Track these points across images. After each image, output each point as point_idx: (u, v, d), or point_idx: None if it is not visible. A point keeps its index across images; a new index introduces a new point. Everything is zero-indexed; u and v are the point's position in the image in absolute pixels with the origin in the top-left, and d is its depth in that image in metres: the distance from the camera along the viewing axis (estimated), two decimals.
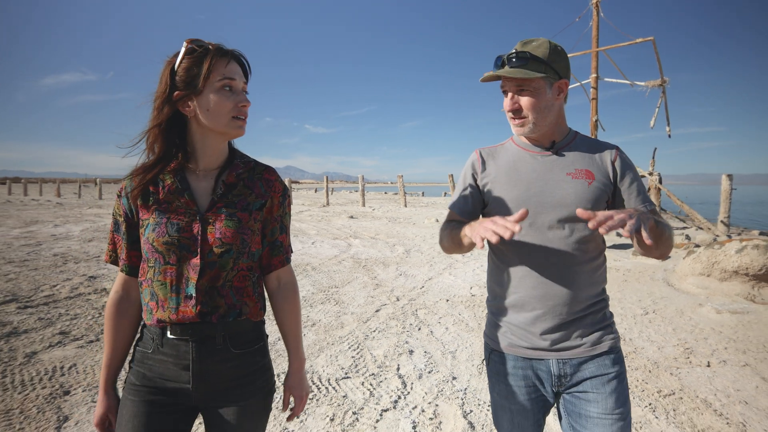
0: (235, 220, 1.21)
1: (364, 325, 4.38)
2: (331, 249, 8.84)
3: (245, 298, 1.24)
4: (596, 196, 1.35)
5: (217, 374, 1.20)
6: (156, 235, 1.18)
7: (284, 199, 1.34)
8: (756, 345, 3.76)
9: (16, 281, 5.97)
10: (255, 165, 1.32)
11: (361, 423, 2.63)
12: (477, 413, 2.75)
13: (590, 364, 1.34)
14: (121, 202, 1.26)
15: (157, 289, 1.19)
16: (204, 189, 1.25)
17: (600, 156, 1.40)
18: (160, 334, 1.20)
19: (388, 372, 3.32)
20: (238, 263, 1.22)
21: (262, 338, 1.31)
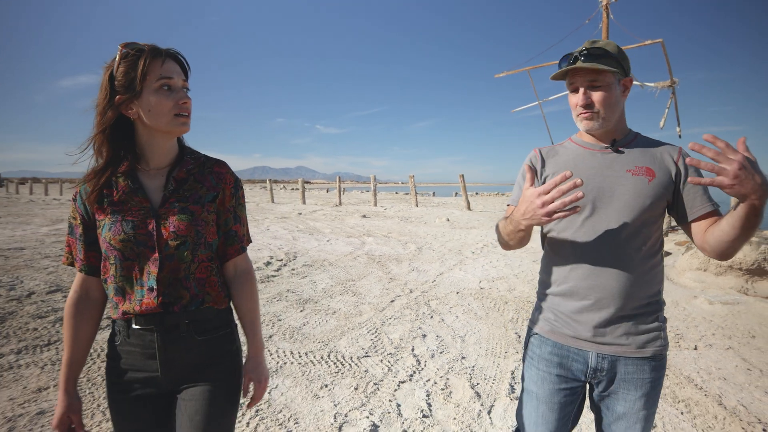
0: (188, 213, 1.25)
1: (381, 313, 4.77)
2: (345, 246, 9.22)
3: (208, 288, 1.29)
4: (656, 194, 1.35)
5: (182, 361, 1.25)
6: (112, 234, 1.21)
7: (236, 190, 1.37)
8: (741, 332, 4.08)
9: (56, 273, 6.43)
10: (205, 160, 1.36)
11: (381, 392, 3.02)
12: (483, 385, 3.12)
13: (629, 365, 1.35)
14: (77, 206, 1.29)
15: (123, 283, 1.23)
16: (156, 186, 1.28)
17: (662, 154, 1.40)
18: (125, 326, 1.25)
19: (404, 352, 3.70)
20: (197, 254, 1.27)
21: (229, 325, 1.35)
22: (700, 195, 1.34)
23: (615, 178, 1.38)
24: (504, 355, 3.67)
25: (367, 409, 2.80)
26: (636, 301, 1.34)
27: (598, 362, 1.36)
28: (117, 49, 1.21)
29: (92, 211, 1.26)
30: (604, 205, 1.37)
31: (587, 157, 1.44)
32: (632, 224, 1.34)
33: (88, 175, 1.26)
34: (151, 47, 1.22)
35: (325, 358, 3.56)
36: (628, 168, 1.38)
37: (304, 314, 4.67)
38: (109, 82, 1.21)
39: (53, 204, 22.07)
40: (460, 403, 2.89)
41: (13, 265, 6.83)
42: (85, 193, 1.26)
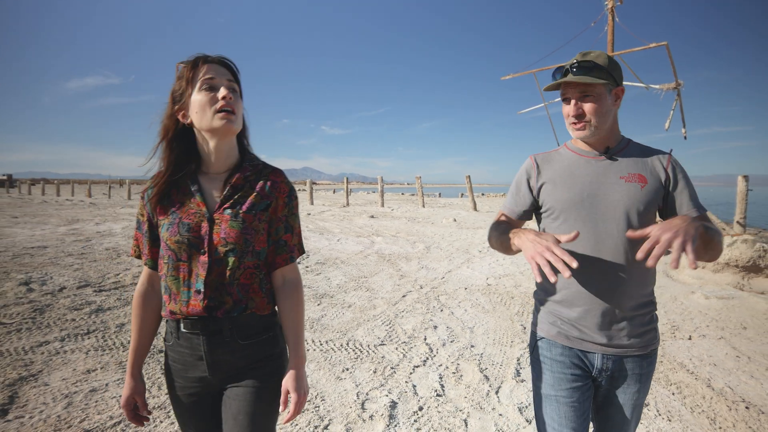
0: (239, 220, 1.27)
1: (394, 306, 5.05)
2: (356, 245, 9.50)
3: (251, 294, 1.31)
4: (648, 200, 1.40)
5: (228, 363, 1.29)
6: (169, 234, 1.27)
7: (290, 200, 1.38)
8: (734, 323, 4.34)
9: (83, 270, 6.75)
10: (263, 167, 1.38)
11: (398, 375, 3.30)
12: (491, 370, 3.40)
13: (630, 362, 1.43)
14: (144, 204, 1.37)
15: (171, 283, 1.28)
16: (214, 191, 1.33)
17: (652, 161, 1.45)
18: (176, 327, 1.31)
19: (417, 341, 3.99)
20: (244, 261, 1.28)
21: (272, 329, 1.37)
22: (687, 200, 1.41)
23: (609, 185, 1.42)
24: (510, 344, 3.94)
25: (386, 388, 3.08)
26: (633, 302, 1.40)
27: (604, 363, 1.42)
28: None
29: (153, 211, 1.33)
30: (598, 212, 1.41)
31: (582, 165, 1.49)
32: (625, 230, 1.37)
33: (155, 177, 1.35)
34: (196, 57, 1.30)
35: (345, 345, 3.85)
36: (621, 175, 1.43)
37: (322, 307, 4.97)
38: (171, 98, 1.32)
39: (66, 204, 22.49)
40: (470, 384, 3.17)
41: (39, 263, 7.16)
42: (150, 193, 1.34)
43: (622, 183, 1.41)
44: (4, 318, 4.36)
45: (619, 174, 1.43)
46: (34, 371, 3.24)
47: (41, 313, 4.54)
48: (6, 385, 3.01)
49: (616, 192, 1.41)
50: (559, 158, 1.55)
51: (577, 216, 1.43)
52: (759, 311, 4.64)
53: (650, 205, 1.40)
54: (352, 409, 2.81)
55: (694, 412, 2.83)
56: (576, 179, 1.46)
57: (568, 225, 1.45)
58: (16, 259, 7.38)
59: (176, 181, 1.33)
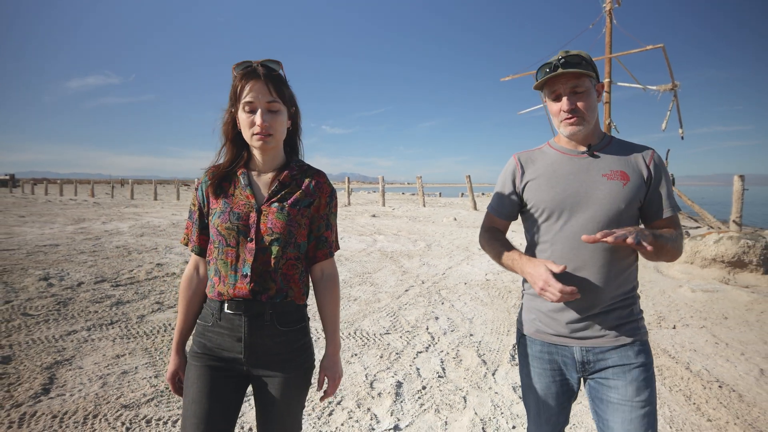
0: (285, 213, 1.38)
1: (397, 300, 5.33)
2: (358, 243, 9.77)
3: (291, 284, 1.41)
4: (630, 197, 1.42)
5: (264, 347, 1.38)
6: (221, 221, 1.38)
7: (331, 199, 1.49)
8: (716, 314, 4.63)
9: (97, 267, 7.02)
10: (308, 168, 1.50)
11: (402, 359, 3.58)
12: (488, 355, 3.68)
13: (613, 354, 1.42)
14: (197, 194, 1.48)
15: (221, 266, 1.38)
16: (263, 185, 1.44)
17: (635, 158, 1.47)
18: (218, 308, 1.39)
19: (420, 330, 4.27)
20: (286, 252, 1.39)
21: (304, 320, 1.46)
22: (665, 199, 1.45)
23: (591, 182, 1.44)
24: (507, 333, 4.22)
25: (392, 371, 3.36)
26: (610, 300, 1.42)
27: (584, 355, 1.45)
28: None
29: (207, 199, 1.44)
30: (581, 210, 1.44)
31: (565, 162, 1.51)
32: (607, 227, 1.39)
33: (212, 167, 1.47)
34: (244, 71, 1.38)
35: (352, 334, 4.13)
36: (603, 172, 1.44)
37: None
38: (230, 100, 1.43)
39: (70, 204, 22.73)
40: (469, 367, 3.45)
41: (54, 260, 7.43)
42: (206, 183, 1.45)
43: (604, 180, 1.43)
44: (30, 310, 4.63)
45: (601, 171, 1.45)
46: (68, 356, 3.52)
47: (65, 306, 4.82)
48: (44, 368, 3.28)
49: (598, 189, 1.43)
50: (542, 157, 1.58)
51: (560, 214, 1.47)
52: (740, 303, 4.93)
53: (632, 203, 1.42)
54: (362, 387, 3.09)
55: (672, 391, 3.11)
56: (559, 178, 1.49)
57: (551, 223, 1.49)
58: (31, 257, 7.64)
59: (228, 175, 1.45)
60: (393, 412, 2.79)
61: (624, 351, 1.41)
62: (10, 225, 12.46)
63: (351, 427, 2.62)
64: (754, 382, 3.22)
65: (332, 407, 2.83)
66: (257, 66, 1.36)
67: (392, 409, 2.81)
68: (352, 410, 2.80)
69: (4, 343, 3.71)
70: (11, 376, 3.14)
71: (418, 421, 2.70)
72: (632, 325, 1.44)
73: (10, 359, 3.41)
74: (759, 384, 3.18)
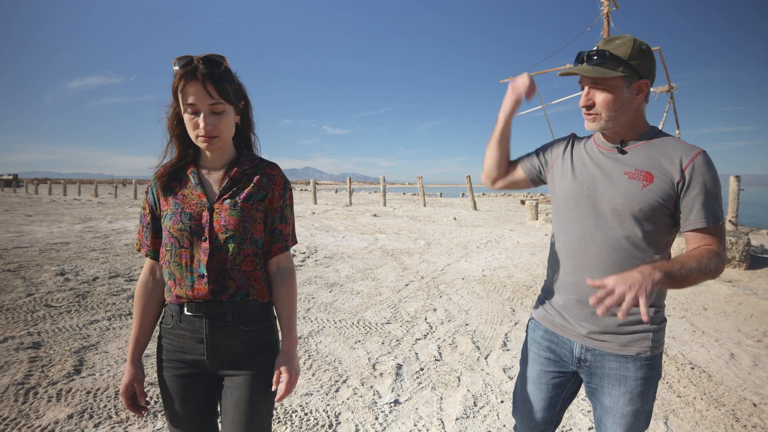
0: (238, 209, 1.34)
1: (397, 293, 5.62)
2: (360, 242, 10.05)
3: (252, 281, 1.38)
4: (648, 200, 1.31)
5: (227, 348, 1.35)
6: (172, 222, 1.33)
7: (285, 192, 1.45)
8: (697, 306, 4.92)
9: (109, 263, 7.30)
10: (260, 162, 1.45)
11: (402, 345, 3.87)
12: (482, 342, 3.97)
13: (612, 361, 1.37)
14: (147, 197, 1.43)
15: (174, 269, 1.34)
16: (214, 183, 1.39)
17: (671, 159, 1.32)
18: (178, 311, 1.35)
19: (419, 320, 4.56)
20: (243, 248, 1.35)
21: (270, 318, 1.44)
22: (698, 209, 1.29)
23: (611, 180, 1.37)
24: (500, 322, 4.51)
25: (393, 355, 3.65)
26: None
27: (582, 353, 1.42)
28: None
29: (159, 201, 1.40)
30: (595, 207, 1.38)
31: (593, 156, 1.45)
32: (620, 228, 1.34)
33: (159, 169, 1.41)
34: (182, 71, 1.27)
35: (355, 324, 4.42)
36: (626, 170, 1.36)
37: (333, 294, 5.53)
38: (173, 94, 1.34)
39: (75, 204, 23.01)
40: (463, 352, 3.74)
41: (66, 257, 7.71)
42: (156, 185, 1.40)
43: (624, 179, 1.35)
44: (52, 302, 4.92)
45: (624, 169, 1.36)
46: (93, 342, 3.81)
47: (84, 298, 5.11)
48: (72, 352, 3.57)
49: (615, 188, 1.36)
50: (584, 144, 1.54)
51: (574, 206, 1.44)
52: (720, 296, 5.22)
53: (651, 207, 1.31)
54: (365, 369, 3.38)
55: None
56: (583, 170, 1.45)
57: (566, 213, 1.47)
58: (44, 254, 7.92)
59: (177, 174, 1.40)
60: (393, 389, 3.08)
61: (624, 362, 1.36)
62: (19, 224, 12.72)
63: (356, 401, 2.90)
64: (723, 364, 3.51)
65: (338, 385, 3.12)
66: (198, 64, 1.27)
67: (393, 387, 3.11)
68: (356, 387, 3.09)
69: (32, 331, 4.00)
70: (44, 359, 3.43)
71: (416, 396, 2.99)
72: (641, 337, 1.36)
73: (40, 345, 3.70)
74: (728, 366, 3.47)
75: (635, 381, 1.35)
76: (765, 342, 4.02)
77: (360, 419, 2.70)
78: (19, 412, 2.68)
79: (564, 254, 1.45)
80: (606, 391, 1.39)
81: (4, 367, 3.26)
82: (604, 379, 1.39)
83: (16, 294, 5.16)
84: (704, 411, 2.83)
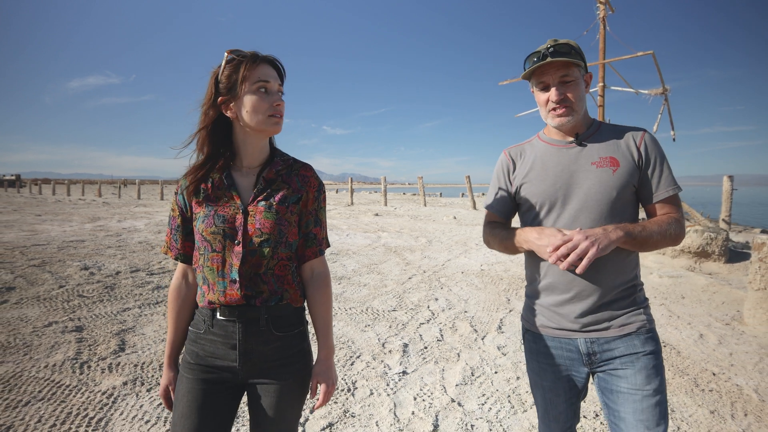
0: (273, 212, 1.30)
1: (402, 285, 6.06)
2: (364, 239, 10.47)
3: (286, 285, 1.33)
4: (621, 183, 1.37)
5: (260, 354, 1.30)
6: (205, 225, 1.29)
7: (319, 194, 1.41)
8: (676, 295, 5.38)
9: (127, 259, 7.71)
10: (293, 162, 1.41)
11: (407, 329, 4.31)
12: (479, 326, 4.41)
13: (619, 344, 1.38)
14: (177, 199, 1.38)
15: (207, 274, 1.30)
16: (247, 184, 1.35)
17: (626, 142, 1.41)
18: (210, 315, 1.30)
19: (422, 308, 5.00)
20: (277, 252, 1.31)
21: (302, 323, 1.39)
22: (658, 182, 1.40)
23: (581, 172, 1.40)
24: (496, 310, 4.96)
25: (399, 336, 4.10)
26: (613, 290, 1.38)
27: (589, 347, 1.41)
28: (223, 56, 1.30)
29: (189, 204, 1.35)
30: (572, 201, 1.40)
31: (554, 154, 1.47)
32: (601, 217, 1.37)
33: (190, 170, 1.35)
34: (252, 54, 1.30)
35: (365, 311, 4.86)
36: (592, 160, 1.40)
37: (342, 286, 5.97)
38: (214, 85, 1.31)
39: (80, 204, 23.34)
40: (463, 334, 4.18)
41: (85, 253, 8.13)
42: (186, 187, 1.34)
43: (593, 169, 1.39)
44: (84, 293, 5.35)
45: (590, 160, 1.41)
46: (129, 326, 4.24)
47: (111, 290, 5.54)
48: (113, 334, 4.01)
49: (587, 179, 1.39)
50: (532, 150, 1.55)
51: (551, 207, 1.45)
52: (698, 286, 5.68)
53: (624, 189, 1.38)
54: (376, 347, 3.83)
55: None
56: (548, 171, 1.46)
57: (544, 217, 1.47)
58: (63, 251, 8.33)
59: (208, 176, 1.35)
60: (401, 363, 3.52)
61: (630, 340, 1.37)
62: (31, 223, 13.10)
63: (369, 372, 3.34)
64: (692, 342, 3.95)
65: (353, 360, 3.56)
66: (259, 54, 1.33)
67: (401, 361, 3.55)
68: (369, 361, 3.53)
69: (72, 317, 4.43)
70: (88, 340, 3.87)
71: (421, 368, 3.43)
72: (636, 314, 1.40)
73: (82, 328, 4.14)
74: (696, 344, 3.92)
75: (646, 356, 1.36)
76: (732, 325, 4.46)
77: (374, 385, 3.14)
78: (79, 381, 3.11)
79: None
80: (622, 376, 1.37)
81: (55, 347, 3.69)
82: (617, 363, 1.38)
83: (48, 286, 5.60)
84: (670, 379, 3.27)
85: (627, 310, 1.40)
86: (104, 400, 2.87)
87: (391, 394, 3.01)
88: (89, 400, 2.85)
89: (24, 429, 2.52)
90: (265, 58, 1.32)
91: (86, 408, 2.76)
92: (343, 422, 2.68)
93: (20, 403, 2.79)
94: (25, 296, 5.10)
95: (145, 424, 2.62)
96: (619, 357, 1.38)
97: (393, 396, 3.00)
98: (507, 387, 3.15)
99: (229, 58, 1.29)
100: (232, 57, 1.29)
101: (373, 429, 2.62)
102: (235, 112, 1.31)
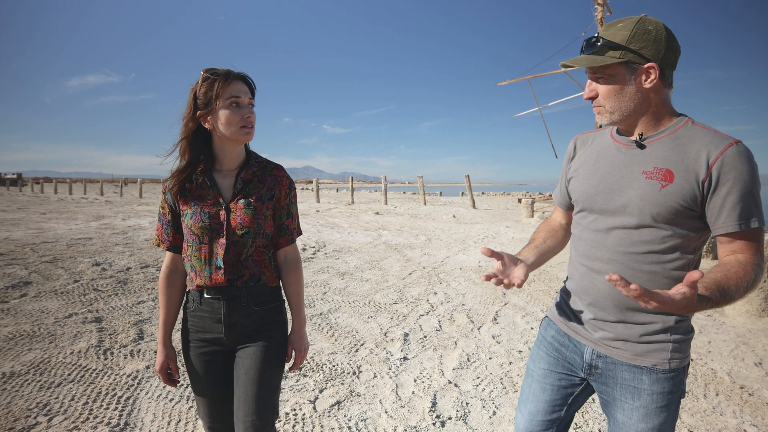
0: (252, 208, 1.51)
1: (402, 280, 6.31)
2: (365, 237, 10.72)
3: (263, 269, 1.56)
4: (667, 203, 1.15)
5: (242, 326, 1.53)
6: (193, 221, 1.48)
7: (290, 191, 1.62)
8: None
9: (135, 255, 7.94)
10: (267, 164, 1.61)
11: (408, 320, 4.56)
12: (476, 317, 4.66)
13: (626, 371, 1.26)
14: (166, 198, 1.57)
15: (195, 262, 1.51)
16: (227, 185, 1.54)
17: (697, 154, 1.14)
18: (198, 296, 1.53)
19: (422, 301, 5.25)
20: (256, 241, 1.53)
21: (278, 299, 1.61)
22: (725, 212, 1.12)
23: (627, 180, 1.23)
24: (492, 303, 5.21)
25: (400, 327, 4.35)
26: (637, 309, 1.22)
27: (593, 359, 1.32)
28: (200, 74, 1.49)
29: (176, 202, 1.54)
30: (610, 209, 1.26)
31: (610, 153, 1.31)
32: (635, 232, 1.21)
33: (174, 173, 1.54)
34: (225, 72, 1.47)
35: (367, 304, 5.11)
36: (644, 169, 1.21)
37: (345, 281, 6.22)
38: (193, 100, 1.49)
39: (83, 202, 23.52)
40: (460, 325, 4.44)
41: (94, 250, 8.36)
42: (172, 188, 1.54)
43: (641, 179, 1.20)
44: (98, 287, 5.60)
45: (642, 167, 1.21)
46: (146, 317, 4.50)
47: (125, 284, 5.79)
48: (132, 324, 4.26)
49: (631, 189, 1.22)
50: (598, 140, 1.40)
51: (590, 210, 1.33)
52: None
53: (670, 210, 1.15)
54: (378, 336, 4.08)
55: None
56: (597, 170, 1.32)
57: (582, 217, 1.37)
58: (72, 248, 8.55)
59: (190, 178, 1.54)
60: (402, 350, 3.78)
61: (638, 373, 1.24)
62: (36, 221, 13.29)
63: (373, 357, 3.60)
64: None
65: (357, 347, 3.82)
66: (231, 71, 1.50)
67: (402, 348, 3.80)
68: (372, 348, 3.79)
69: (91, 309, 4.69)
70: (108, 329, 4.12)
71: (421, 355, 3.69)
72: (660, 348, 1.22)
73: (101, 319, 4.39)
74: None
75: (650, 396, 1.22)
76: (714, 316, 4.73)
77: (377, 369, 3.39)
78: (104, 365, 3.37)
79: (579, 259, 1.36)
80: (619, 405, 1.28)
81: (78, 335, 3.94)
82: (617, 390, 1.28)
83: (63, 281, 5.84)
84: None
85: (651, 339, 1.23)
86: (130, 382, 3.12)
87: (393, 377, 3.27)
88: (116, 382, 3.11)
89: (60, 406, 2.78)
90: (237, 75, 1.49)
91: (114, 388, 3.02)
92: (350, 400, 2.94)
93: (53, 384, 3.05)
94: (42, 290, 5.35)
95: (170, 402, 2.88)
96: (621, 385, 1.27)
97: (395, 378, 3.25)
98: (500, 371, 3.40)
99: (204, 77, 1.47)
100: (207, 75, 1.47)
101: (377, 406, 2.88)
102: (212, 124, 1.49)
